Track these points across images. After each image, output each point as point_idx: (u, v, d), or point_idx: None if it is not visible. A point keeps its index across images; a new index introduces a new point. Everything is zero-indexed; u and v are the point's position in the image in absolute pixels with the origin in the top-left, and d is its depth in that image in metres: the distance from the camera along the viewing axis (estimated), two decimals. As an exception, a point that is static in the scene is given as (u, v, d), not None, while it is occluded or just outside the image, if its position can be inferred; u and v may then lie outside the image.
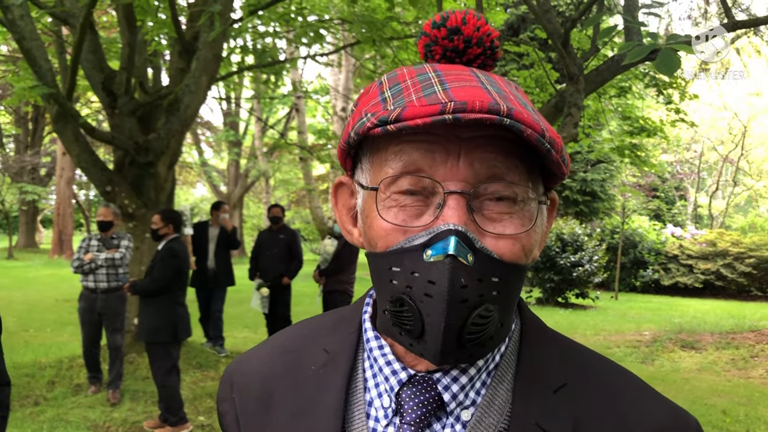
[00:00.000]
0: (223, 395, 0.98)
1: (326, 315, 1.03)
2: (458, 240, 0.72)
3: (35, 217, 33.74)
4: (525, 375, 0.84)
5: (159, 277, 5.89)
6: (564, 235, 15.73)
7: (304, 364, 0.92)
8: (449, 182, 0.75)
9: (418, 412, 0.80)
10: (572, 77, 3.34)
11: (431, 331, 0.73)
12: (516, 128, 0.70)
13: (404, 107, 0.73)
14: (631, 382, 0.88)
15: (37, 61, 6.80)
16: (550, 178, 0.83)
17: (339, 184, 0.92)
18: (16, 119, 31.33)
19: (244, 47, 10.74)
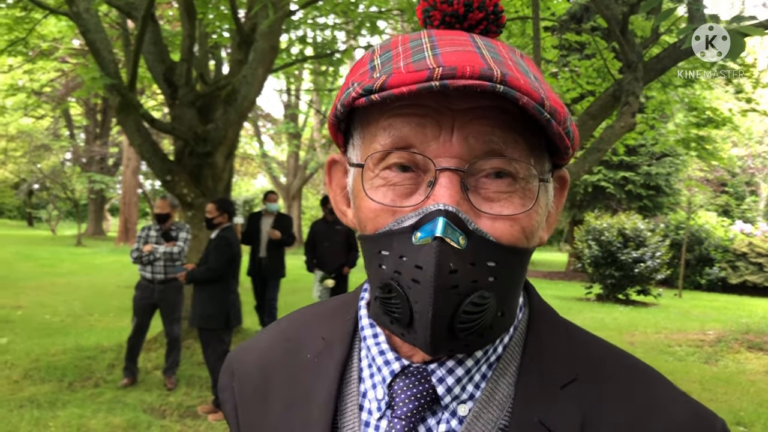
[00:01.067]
0: (224, 384, 0.96)
1: (327, 301, 0.98)
2: (447, 221, 0.66)
3: (103, 206, 34.93)
4: (529, 368, 0.77)
5: (214, 266, 6.01)
6: (626, 230, 15.32)
7: (302, 353, 0.88)
8: (441, 158, 0.69)
9: (410, 405, 0.75)
10: (630, 65, 3.21)
11: (420, 319, 0.67)
12: (510, 95, 0.64)
13: (390, 74, 0.67)
14: (650, 379, 0.80)
15: (101, 53, 6.99)
16: (559, 155, 0.76)
17: (332, 162, 0.87)
18: (85, 111, 32.44)
19: (302, 39, 10.81)
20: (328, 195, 0.89)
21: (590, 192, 22.56)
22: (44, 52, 14.34)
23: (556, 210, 0.82)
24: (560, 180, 0.83)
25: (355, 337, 0.86)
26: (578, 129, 4.15)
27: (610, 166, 22.35)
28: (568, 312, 13.50)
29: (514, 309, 0.76)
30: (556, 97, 0.70)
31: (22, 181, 34.35)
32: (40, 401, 6.05)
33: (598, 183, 22.06)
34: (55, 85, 22.34)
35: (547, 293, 16.93)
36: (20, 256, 21.05)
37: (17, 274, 16.28)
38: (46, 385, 6.60)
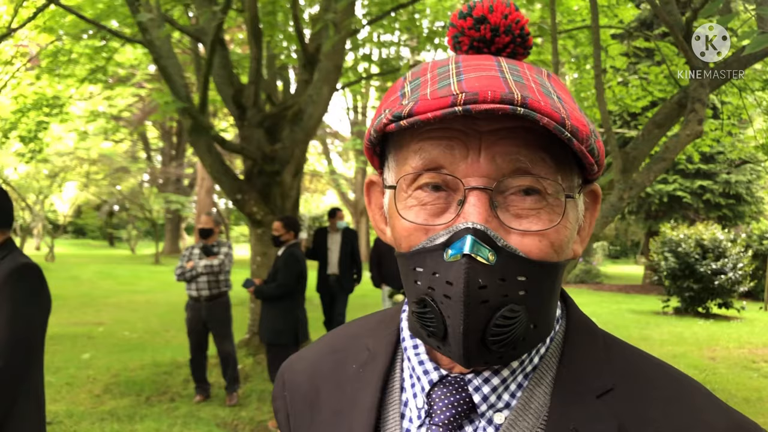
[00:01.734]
0: (277, 393, 1.01)
1: (374, 315, 1.03)
2: (474, 239, 0.69)
3: (179, 225, 36.05)
4: (565, 378, 0.79)
5: (284, 282, 6.13)
6: (704, 241, 14.74)
7: (348, 363, 0.93)
8: (470, 178, 0.72)
9: (447, 413, 0.78)
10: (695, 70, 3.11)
11: (452, 333, 0.71)
12: (531, 117, 0.67)
13: (417, 101, 0.71)
14: (690, 389, 0.80)
15: (173, 78, 7.26)
16: (590, 170, 0.78)
17: (370, 183, 0.91)
18: (161, 133, 33.67)
19: (366, 56, 10.94)
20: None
21: (666, 202, 21.85)
22: (122, 78, 15.00)
23: (588, 224, 0.85)
24: (592, 194, 0.85)
25: (397, 348, 0.90)
26: (643, 138, 4.05)
27: (686, 174, 21.62)
28: (646, 326, 13.08)
29: (549, 321, 0.78)
30: (580, 116, 0.73)
31: (104, 203, 35.81)
32: (119, 415, 6.27)
33: (674, 193, 21.34)
34: (133, 110, 23.30)
35: (622, 307, 16.45)
36: (102, 274, 21.95)
37: (99, 292, 16.98)
38: (125, 399, 6.84)
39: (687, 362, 9.30)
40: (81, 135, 17.89)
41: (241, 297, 10.87)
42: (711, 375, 8.64)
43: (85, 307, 14.08)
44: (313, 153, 34.30)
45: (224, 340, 6.85)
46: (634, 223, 25.25)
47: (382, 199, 0.88)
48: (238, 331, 7.46)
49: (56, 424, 5.91)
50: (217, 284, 6.77)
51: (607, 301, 17.87)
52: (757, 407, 7.14)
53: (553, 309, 0.79)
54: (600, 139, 0.76)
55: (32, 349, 2.63)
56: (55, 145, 24.47)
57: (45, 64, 10.22)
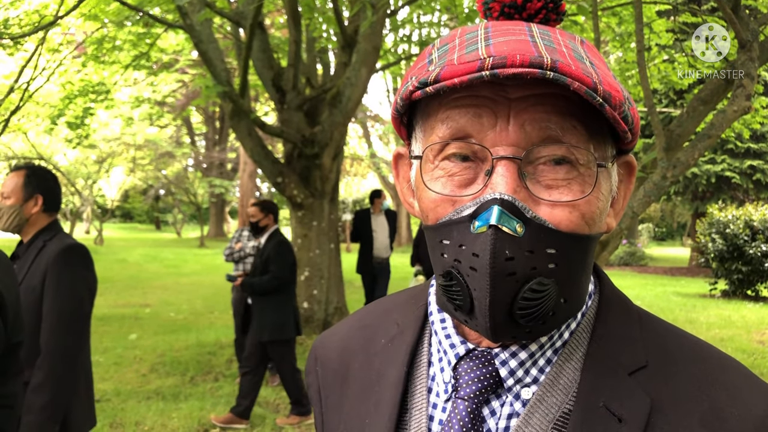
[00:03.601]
0: (309, 368, 1.01)
1: (404, 291, 1.01)
2: (501, 210, 0.67)
3: (223, 209, 36.62)
4: (596, 354, 0.77)
5: (280, 274, 5.67)
6: (754, 222, 14.34)
7: (377, 338, 0.92)
8: (498, 147, 0.69)
9: (473, 387, 0.77)
10: (744, 44, 3.00)
11: (479, 306, 0.69)
12: (561, 81, 0.64)
13: (443, 66, 0.68)
14: (727, 368, 0.77)
15: (213, 62, 7.33)
16: (621, 140, 0.75)
17: (398, 156, 0.88)
18: (205, 119, 34.10)
19: (406, 37, 10.87)
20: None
21: (713, 183, 21.31)
22: (165, 64, 15.21)
23: (623, 196, 0.82)
24: (626, 166, 0.82)
25: (425, 323, 0.89)
26: (688, 115, 3.94)
27: (735, 154, 21.04)
28: (692, 309, 12.83)
29: (581, 296, 0.76)
30: (614, 82, 0.70)
31: (150, 187, 36.57)
32: (165, 393, 6.43)
33: (722, 173, 20.79)
34: (177, 95, 23.65)
35: (668, 290, 16.16)
36: (148, 257, 22.45)
37: (146, 275, 17.37)
38: (170, 379, 7.00)
39: (735, 346, 9.10)
40: (126, 121, 18.20)
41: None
42: (760, 359, 8.44)
43: (132, 289, 14.43)
44: (353, 137, 34.37)
45: None
46: (680, 204, 24.72)
47: (409, 172, 0.86)
48: (280, 313, 7.57)
49: (104, 402, 6.09)
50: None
51: (651, 283, 17.58)
52: (808, 392, 6.95)
53: (585, 283, 0.77)
54: (635, 107, 0.73)
55: (81, 329, 2.70)
56: (102, 131, 25.02)
57: (91, 51, 10.42)
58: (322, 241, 8.62)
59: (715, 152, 21.03)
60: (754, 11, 6.99)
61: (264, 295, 5.72)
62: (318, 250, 8.58)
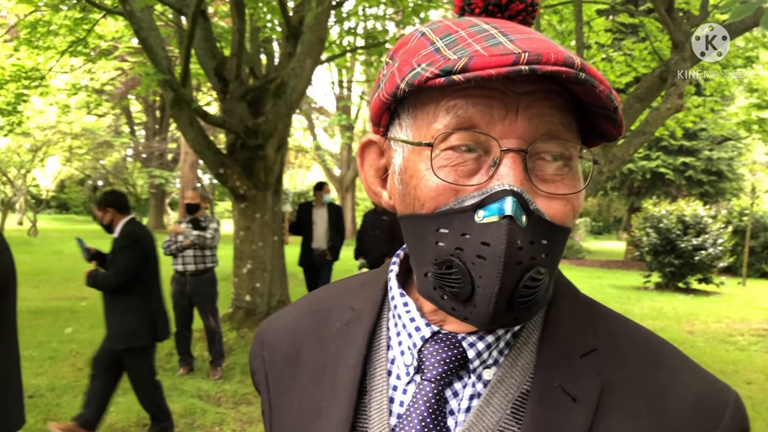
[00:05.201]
0: (255, 352, 1.00)
1: (356, 276, 1.02)
2: (515, 201, 0.69)
3: (163, 200, 35.82)
4: (550, 338, 0.81)
5: (123, 268, 4.88)
6: (685, 216, 14.90)
7: (331, 322, 0.92)
8: (506, 139, 0.71)
9: (439, 369, 0.79)
10: (677, 45, 3.12)
11: (483, 293, 0.70)
12: (589, 83, 0.67)
13: (471, 57, 0.68)
14: (668, 352, 0.83)
15: (154, 50, 7.17)
16: (590, 141, 0.80)
17: (368, 143, 0.88)
18: (145, 108, 33.30)
19: (351, 30, 10.85)
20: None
21: (648, 179, 22.01)
22: (104, 51, 14.78)
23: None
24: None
25: (383, 306, 0.90)
26: (624, 112, 4.06)
27: (669, 151, 21.76)
28: (627, 301, 13.24)
29: (552, 284, 0.80)
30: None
31: (87, 177, 35.58)
32: (102, 388, 6.27)
33: (657, 169, 21.50)
34: (116, 83, 23.01)
35: (604, 282, 16.64)
36: (85, 249, 21.79)
37: (83, 267, 16.74)
38: (108, 373, 6.84)
39: (666, 336, 9.37)
40: (63, 109, 17.64)
41: (226, 272, 10.86)
42: (689, 348, 8.79)
43: (68, 281, 14.02)
44: (298, 128, 34.11)
45: (210, 315, 6.86)
46: (616, 199, 25.44)
47: (380, 161, 0.87)
48: (222, 305, 7.47)
49: (38, 398, 5.92)
50: (203, 259, 6.76)
51: (588, 276, 18.05)
52: (733, 379, 7.27)
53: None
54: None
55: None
56: (37, 118, 24.18)
57: (24, 35, 10.06)
58: (265, 234, 8.55)
59: (650, 149, 21.71)
60: (687, 14, 7.24)
61: (114, 295, 4.99)
62: (261, 243, 8.51)
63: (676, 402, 0.76)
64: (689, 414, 0.75)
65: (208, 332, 6.91)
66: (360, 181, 0.96)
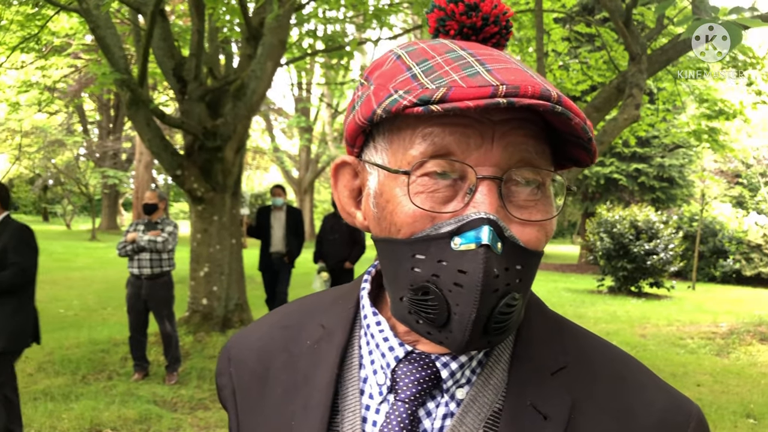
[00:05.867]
0: (221, 369, 0.97)
1: (327, 292, 1.01)
2: (492, 229, 0.69)
3: (117, 201, 35.14)
4: (521, 356, 0.81)
5: (27, 264, 4.62)
6: (638, 222, 15.25)
7: (301, 340, 0.91)
8: (482, 167, 0.72)
9: (413, 389, 0.79)
10: (634, 57, 3.20)
11: (459, 320, 0.70)
12: (565, 116, 0.68)
13: (449, 87, 0.69)
14: (634, 368, 0.86)
15: (111, 49, 7.04)
16: (561, 166, 0.81)
17: (342, 164, 0.87)
18: (99, 106, 32.61)
19: (311, 32, 10.82)
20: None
21: (602, 184, 22.46)
22: (57, 48, 14.42)
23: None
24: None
25: (355, 324, 0.89)
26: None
27: (622, 158, 22.24)
28: (581, 305, 13.47)
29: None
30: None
31: (37, 177, 34.64)
32: (54, 394, 6.13)
33: (611, 175, 21.95)
34: (68, 81, 22.48)
35: (559, 286, 16.89)
36: (35, 250, 21.23)
37: (32, 269, 16.42)
38: (60, 378, 6.68)
39: (619, 339, 9.63)
40: (12, 106, 17.13)
41: (182, 275, 10.71)
42: (641, 351, 8.99)
43: (17, 284, 13.62)
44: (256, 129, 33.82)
45: (166, 319, 6.73)
46: (571, 204, 25.84)
47: (354, 182, 0.86)
48: (178, 309, 7.35)
49: (-13, 404, 5.74)
50: (159, 263, 6.62)
51: (543, 280, 18.31)
52: (683, 381, 7.47)
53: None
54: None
55: None
56: (-16, 115, 23.46)
57: (-27, 30, 9.75)
58: (222, 237, 8.46)
59: (605, 155, 22.14)
60: (642, 24, 7.42)
61: (3, 295, 4.55)
62: (218, 246, 8.41)
63: (643, 418, 0.79)
64: (656, 429, 0.78)
65: (164, 337, 6.78)
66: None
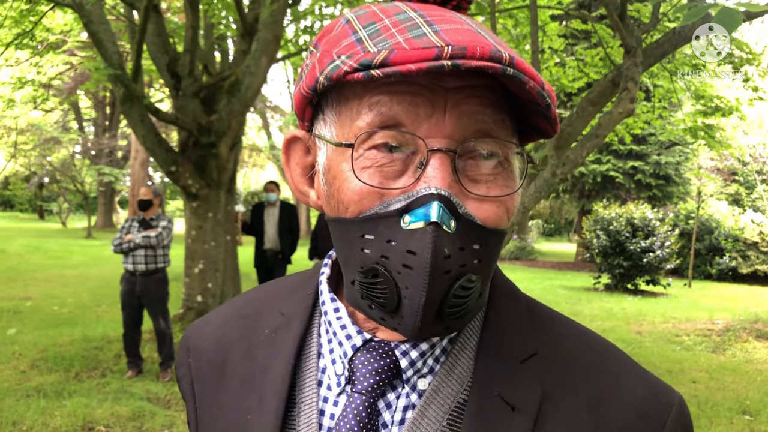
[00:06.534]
0: (180, 360, 0.93)
1: (287, 278, 0.96)
2: (441, 205, 0.63)
3: (113, 198, 35.11)
4: (489, 343, 0.76)
5: None
6: (634, 219, 15.25)
7: (260, 328, 0.86)
8: (433, 139, 0.66)
9: (371, 380, 0.74)
10: (629, 50, 3.18)
11: (410, 305, 0.65)
12: (518, 78, 0.62)
13: (391, 50, 0.62)
14: (610, 354, 0.80)
15: (104, 44, 7.00)
16: (526, 137, 0.75)
17: (293, 139, 0.81)
18: (94, 103, 32.55)
19: (308, 29, 10.79)
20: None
21: (599, 182, 22.47)
22: (52, 45, 14.37)
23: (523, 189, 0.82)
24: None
25: (314, 312, 0.84)
26: (577, 115, 4.13)
27: (619, 155, 22.25)
28: (577, 302, 13.47)
29: (487, 288, 0.75)
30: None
31: (33, 174, 34.57)
32: (46, 391, 6.09)
33: (607, 173, 21.96)
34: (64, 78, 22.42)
35: (555, 283, 16.90)
36: (31, 248, 21.20)
37: (27, 266, 16.40)
38: (53, 375, 6.65)
39: (615, 336, 9.63)
40: (7, 103, 17.09)
41: (176, 272, 10.68)
42: (637, 348, 8.98)
43: (11, 281, 13.58)
44: (252, 127, 33.80)
45: (160, 316, 6.70)
46: (568, 201, 25.89)
47: (306, 158, 0.80)
48: (173, 306, 7.32)
49: (-21, 401, 5.71)
50: (154, 259, 6.57)
51: (540, 277, 18.32)
52: (679, 378, 7.46)
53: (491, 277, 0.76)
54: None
55: None
56: (-20, 112, 23.34)
57: (-33, 26, 9.69)
58: (217, 233, 8.43)
59: (601, 153, 22.17)
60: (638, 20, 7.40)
61: None
62: (213, 242, 8.38)
63: (618, 407, 0.73)
64: (632, 419, 0.73)
65: (158, 334, 6.75)
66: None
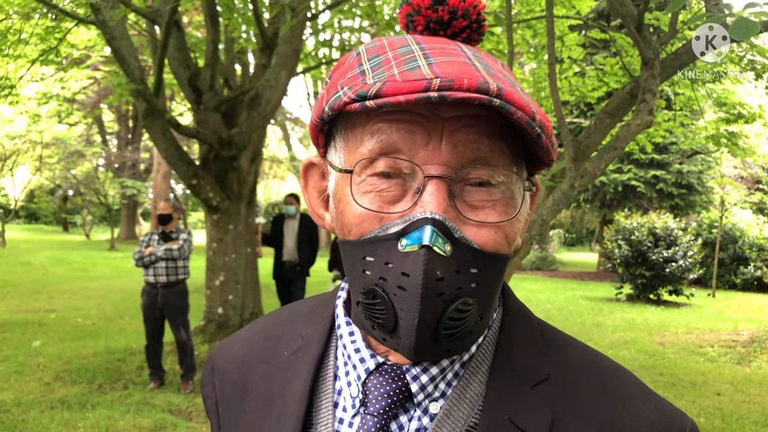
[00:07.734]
0: (205, 379, 0.97)
1: (308, 300, 0.99)
2: (434, 229, 0.66)
3: (135, 211, 35.46)
4: (501, 367, 0.78)
5: None
6: (656, 229, 15.10)
7: (280, 350, 0.89)
8: (429, 166, 0.69)
9: (383, 402, 0.76)
10: (647, 62, 3.17)
11: (405, 326, 0.68)
12: (506, 110, 0.65)
13: (385, 82, 0.67)
14: (623, 379, 0.81)
15: (126, 60, 7.11)
16: (534, 164, 0.78)
17: (309, 165, 0.86)
18: (117, 117, 32.98)
19: (327, 42, 10.87)
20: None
21: (620, 191, 22.29)
22: (76, 60, 14.61)
23: (529, 215, 0.84)
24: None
25: (331, 335, 0.87)
26: (595, 127, 4.12)
27: (640, 164, 22.07)
28: (599, 313, 13.35)
29: (492, 312, 0.77)
30: (541, 110, 0.72)
31: (57, 187, 35.06)
32: (70, 403, 6.16)
33: (629, 182, 21.79)
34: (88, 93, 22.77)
35: (577, 294, 16.77)
36: (55, 260, 21.47)
37: (52, 278, 16.61)
38: (76, 387, 6.72)
39: (637, 347, 9.53)
40: (33, 118, 17.39)
41: (198, 284, 10.76)
42: (660, 360, 8.88)
43: (36, 293, 13.77)
44: (273, 139, 34.03)
45: (181, 327, 6.75)
46: (589, 211, 25.69)
47: (322, 183, 0.85)
48: (194, 318, 7.39)
49: (3, 413, 5.79)
50: (175, 271, 6.64)
51: (561, 287, 18.19)
52: (703, 390, 7.36)
53: (496, 300, 0.78)
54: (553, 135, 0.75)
55: None
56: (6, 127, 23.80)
57: (-7, 43, 9.89)
58: (238, 245, 8.49)
59: (622, 162, 22.01)
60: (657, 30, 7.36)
61: None
62: (234, 255, 8.44)
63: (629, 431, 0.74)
64: None
65: (179, 345, 6.80)
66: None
